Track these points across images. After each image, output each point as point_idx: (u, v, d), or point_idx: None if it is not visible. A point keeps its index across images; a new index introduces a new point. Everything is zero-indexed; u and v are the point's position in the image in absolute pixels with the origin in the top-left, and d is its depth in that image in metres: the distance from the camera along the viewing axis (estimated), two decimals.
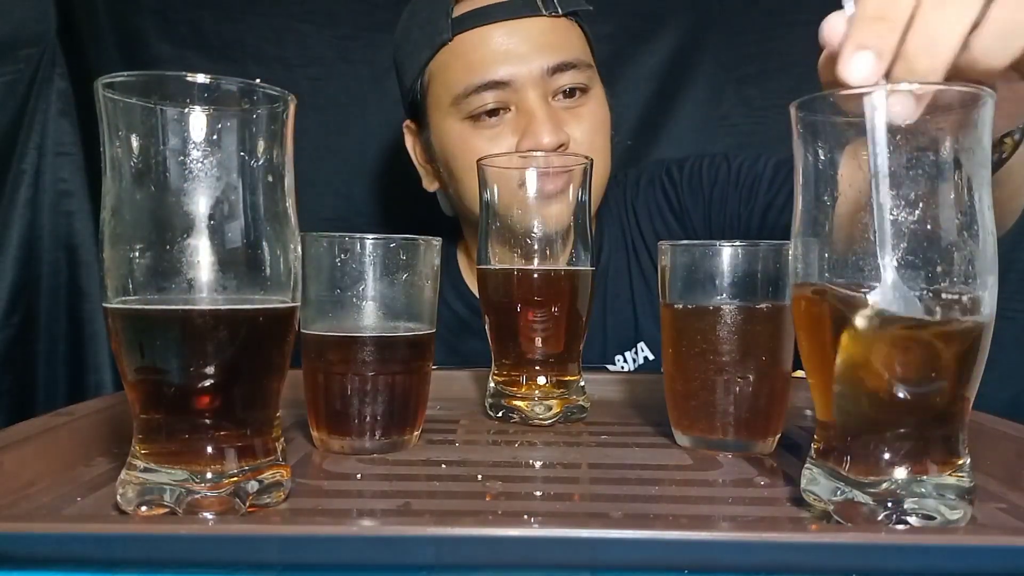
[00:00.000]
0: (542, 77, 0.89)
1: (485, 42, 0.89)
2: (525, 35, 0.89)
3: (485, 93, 0.89)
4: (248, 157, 0.40)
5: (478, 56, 0.89)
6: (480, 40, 0.89)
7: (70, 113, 1.29)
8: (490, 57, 0.89)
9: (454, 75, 0.90)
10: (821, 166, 0.41)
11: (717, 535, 0.35)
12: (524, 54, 0.88)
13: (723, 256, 0.56)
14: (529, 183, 0.66)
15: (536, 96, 0.88)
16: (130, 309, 0.39)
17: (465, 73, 0.89)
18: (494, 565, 0.36)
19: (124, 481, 0.40)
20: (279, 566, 0.36)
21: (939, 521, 0.38)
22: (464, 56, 0.90)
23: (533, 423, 0.64)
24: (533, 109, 0.88)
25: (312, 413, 0.56)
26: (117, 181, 0.39)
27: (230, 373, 0.40)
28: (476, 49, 0.89)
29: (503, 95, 0.89)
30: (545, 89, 0.89)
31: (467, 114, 0.90)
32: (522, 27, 0.89)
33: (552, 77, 0.89)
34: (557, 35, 0.91)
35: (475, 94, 0.89)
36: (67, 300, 1.27)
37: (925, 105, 0.37)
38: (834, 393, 0.40)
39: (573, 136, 0.90)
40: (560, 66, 0.89)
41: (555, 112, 0.90)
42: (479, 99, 0.89)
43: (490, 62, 0.88)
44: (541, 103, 0.88)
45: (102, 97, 0.39)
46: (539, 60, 0.88)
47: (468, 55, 0.89)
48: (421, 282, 0.56)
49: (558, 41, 0.91)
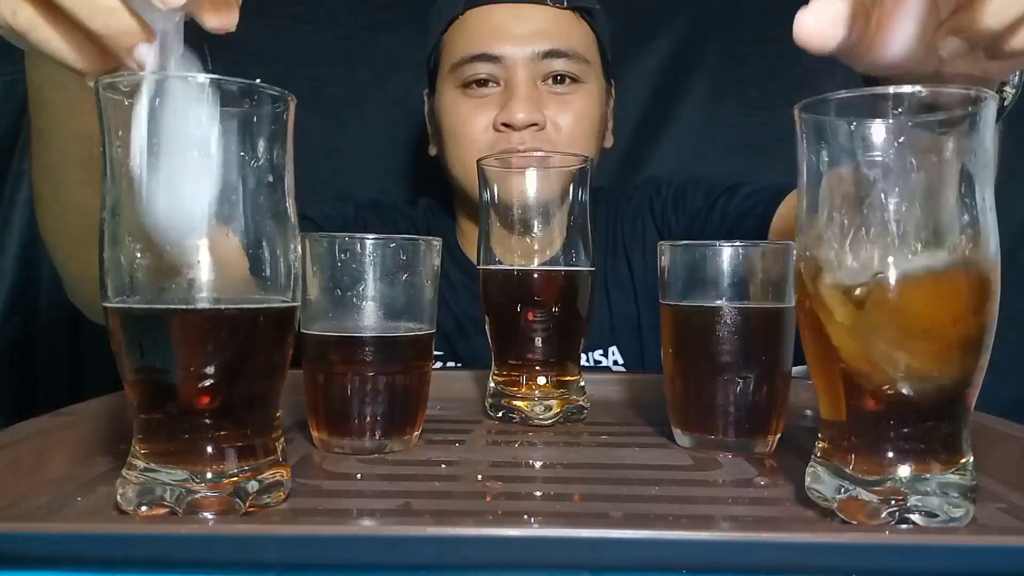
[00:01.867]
0: (532, 59, 0.95)
1: (488, 19, 0.96)
2: (525, 19, 0.96)
3: (478, 64, 0.96)
4: (248, 157, 0.40)
5: (479, 31, 0.97)
6: (484, 17, 0.97)
7: None
8: (489, 33, 0.96)
9: (456, 46, 0.98)
10: (824, 168, 0.41)
11: (717, 535, 0.35)
12: (520, 35, 0.95)
13: (723, 256, 0.56)
14: (529, 183, 0.66)
15: (524, 76, 0.94)
16: (130, 308, 0.39)
17: (465, 44, 0.97)
18: (494, 565, 0.36)
19: (124, 481, 0.40)
20: (279, 566, 0.36)
21: (942, 519, 0.38)
22: (468, 30, 0.98)
23: (533, 423, 0.64)
24: (517, 86, 0.94)
25: (312, 413, 0.56)
26: (117, 181, 0.39)
27: (230, 373, 0.40)
28: (479, 25, 0.97)
29: (494, 69, 0.95)
30: (534, 71, 0.95)
31: (460, 82, 0.98)
32: (524, 11, 0.96)
33: (543, 61, 0.95)
34: (558, 25, 0.96)
35: (468, 63, 0.96)
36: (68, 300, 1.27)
37: (846, 26, 0.38)
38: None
39: (553, 120, 0.94)
40: (552, 52, 0.95)
41: (538, 93, 0.95)
42: (472, 68, 0.96)
43: (488, 37, 0.96)
44: (526, 83, 0.94)
45: (102, 97, 0.39)
46: (533, 43, 0.95)
47: (471, 29, 0.97)
48: (421, 282, 0.56)
49: (555, 29, 0.96)
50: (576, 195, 0.67)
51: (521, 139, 0.93)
